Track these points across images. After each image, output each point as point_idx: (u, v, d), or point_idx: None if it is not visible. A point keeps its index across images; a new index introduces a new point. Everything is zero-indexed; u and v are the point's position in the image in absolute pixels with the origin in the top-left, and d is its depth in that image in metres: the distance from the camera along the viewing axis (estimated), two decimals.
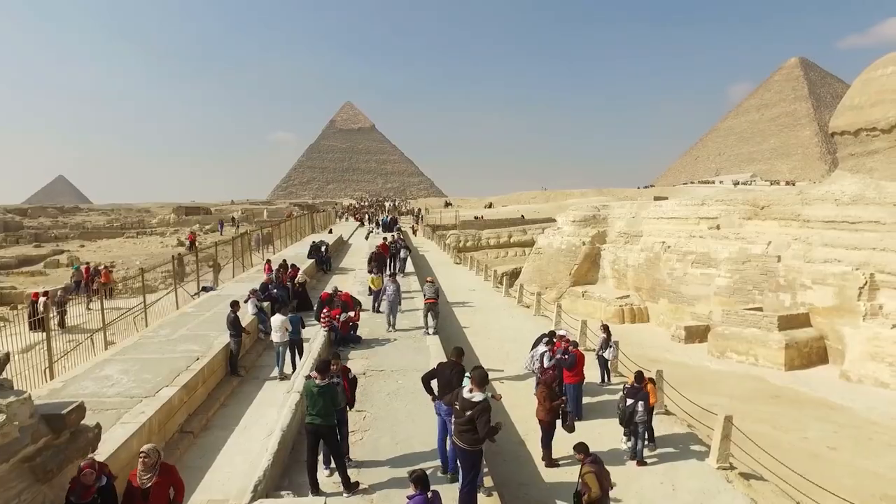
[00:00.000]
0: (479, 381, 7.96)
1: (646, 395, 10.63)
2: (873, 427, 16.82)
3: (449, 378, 9.27)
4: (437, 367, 9.75)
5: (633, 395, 10.63)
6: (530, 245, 49.56)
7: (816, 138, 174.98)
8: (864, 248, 22.80)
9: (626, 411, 10.62)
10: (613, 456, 10.57)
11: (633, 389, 10.76)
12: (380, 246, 26.90)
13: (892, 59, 25.12)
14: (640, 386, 10.80)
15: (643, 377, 11.03)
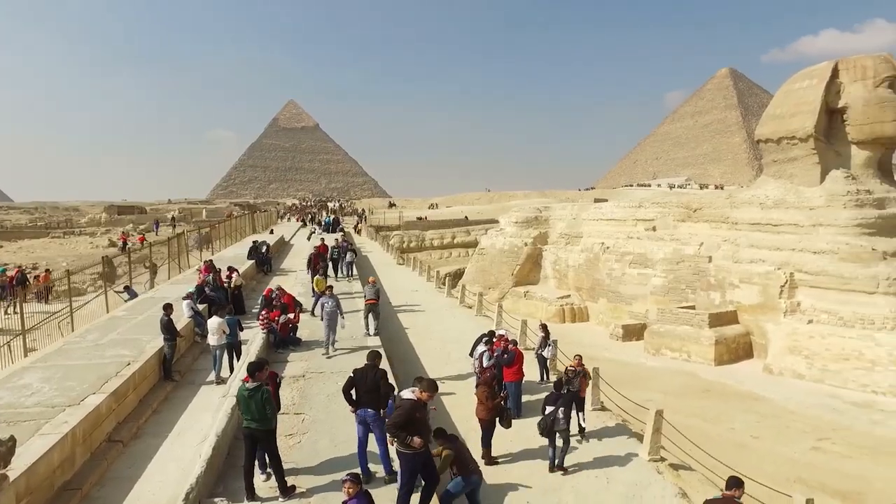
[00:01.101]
0: (427, 387, 8.02)
1: (567, 400, 10.34)
2: (791, 416, 17.83)
3: (373, 383, 9.18)
4: (355, 374, 9.50)
5: (554, 402, 10.22)
6: (474, 246, 50.01)
7: (745, 145, 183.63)
8: (785, 249, 24.16)
9: (547, 420, 10.11)
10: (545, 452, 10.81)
11: (554, 396, 10.36)
12: (318, 247, 26.54)
13: (808, 73, 26.70)
14: (559, 393, 10.43)
15: (562, 384, 10.74)
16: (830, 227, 23.52)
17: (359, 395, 9.28)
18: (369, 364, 9.59)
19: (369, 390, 9.20)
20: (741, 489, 7.24)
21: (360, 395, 9.25)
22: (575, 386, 11.68)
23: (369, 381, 9.28)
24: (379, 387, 9.23)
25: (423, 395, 7.89)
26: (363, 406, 9.17)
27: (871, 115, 24.15)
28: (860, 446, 15.33)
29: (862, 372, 19.98)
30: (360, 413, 9.16)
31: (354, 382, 9.39)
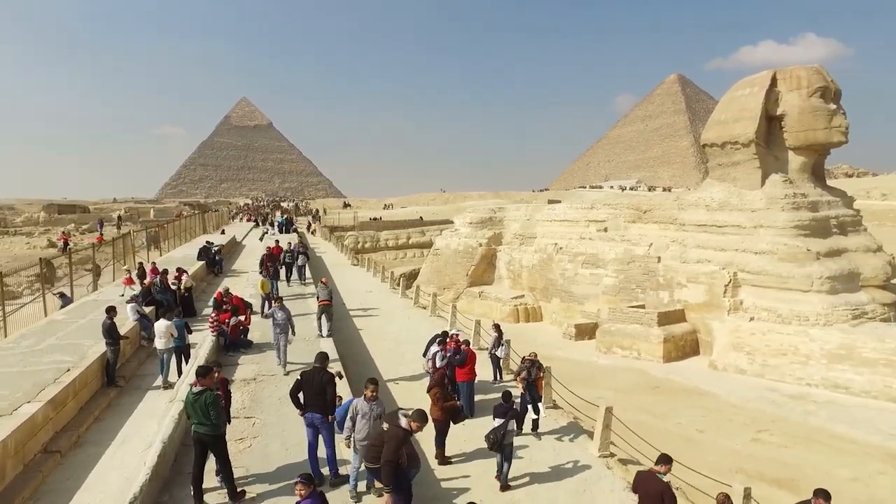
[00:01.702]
0: (418, 418, 7.93)
1: (516, 413, 9.98)
2: (733, 410, 18.54)
3: (320, 386, 9.10)
4: (303, 377, 9.36)
5: (503, 414, 9.82)
6: (429, 246, 50.06)
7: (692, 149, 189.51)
8: (729, 250, 25.09)
9: (498, 433, 9.64)
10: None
11: (503, 408, 9.93)
12: (272, 248, 26.06)
13: (749, 82, 27.80)
14: (508, 405, 10.00)
15: (510, 395, 10.24)
16: (770, 228, 24.53)
17: (306, 398, 9.19)
18: (317, 367, 9.48)
19: (316, 394, 9.11)
20: (668, 465, 7.86)
21: (308, 399, 9.16)
22: (533, 375, 11.88)
23: (316, 384, 9.19)
24: (325, 390, 9.15)
25: (414, 426, 7.77)
26: (310, 409, 9.09)
27: (805, 123, 25.33)
28: (795, 436, 16.07)
29: (798, 366, 20.94)
30: (308, 416, 9.08)
31: (301, 385, 9.29)
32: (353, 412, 8.56)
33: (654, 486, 7.78)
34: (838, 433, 16.27)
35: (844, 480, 13.18)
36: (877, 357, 19.46)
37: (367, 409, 8.51)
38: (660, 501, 7.58)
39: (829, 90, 25.43)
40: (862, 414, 17.61)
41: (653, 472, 7.96)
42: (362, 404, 8.58)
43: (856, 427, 16.60)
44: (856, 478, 13.36)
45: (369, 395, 8.59)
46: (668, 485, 7.89)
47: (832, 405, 18.65)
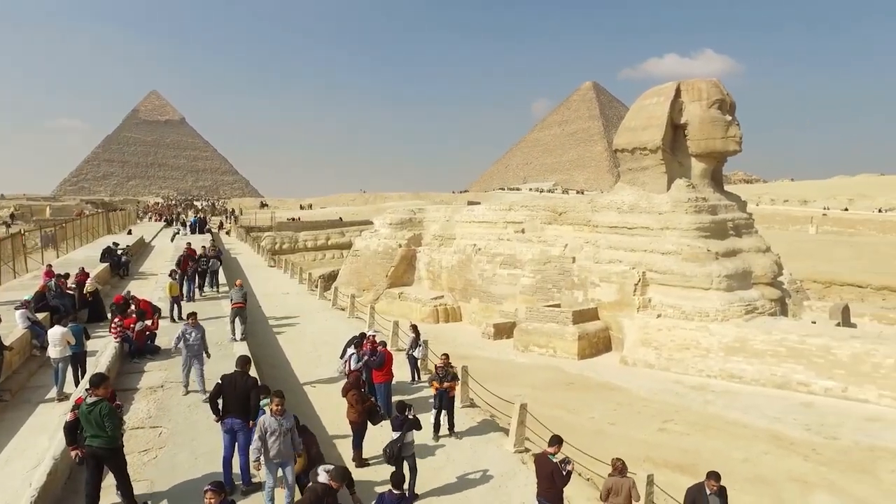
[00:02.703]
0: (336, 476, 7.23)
1: (414, 423, 9.80)
2: (642, 402, 19.48)
3: (243, 391, 8.75)
4: (223, 382, 8.98)
5: (399, 426, 9.64)
6: (348, 247, 49.45)
7: (606, 153, 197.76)
8: (639, 250, 26.36)
9: (394, 447, 9.40)
10: (420, 451, 10.95)
11: (398, 420, 9.74)
12: (187, 250, 24.88)
13: (656, 91, 29.35)
14: (404, 416, 9.78)
15: (405, 406, 10.00)
16: (675, 230, 25.97)
17: (226, 403, 8.84)
18: (238, 371, 9.17)
19: (239, 399, 8.78)
20: (558, 446, 8.54)
21: (228, 404, 8.82)
22: (448, 378, 11.96)
23: (239, 389, 8.87)
24: (249, 396, 8.84)
25: (334, 484, 7.44)
26: (231, 415, 8.76)
27: (705, 132, 27.05)
28: (695, 424, 17.10)
29: (699, 359, 22.31)
30: (228, 422, 8.76)
31: (222, 390, 8.94)
32: (260, 431, 7.98)
33: (545, 466, 8.42)
34: (732, 419, 17.45)
35: (737, 462, 14.18)
36: (765, 348, 21.05)
37: (275, 424, 7.99)
38: (550, 480, 8.16)
39: (725, 102, 27.24)
40: (752, 401, 18.99)
41: (545, 454, 8.57)
42: (270, 421, 8.04)
43: (747, 413, 17.88)
44: (746, 459, 14.40)
45: (276, 410, 8.07)
46: (557, 465, 8.40)
47: (728, 394, 19.98)
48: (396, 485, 7.96)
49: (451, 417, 11.95)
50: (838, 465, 13.94)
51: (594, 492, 10.63)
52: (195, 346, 12.24)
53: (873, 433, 15.96)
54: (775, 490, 12.70)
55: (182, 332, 12.33)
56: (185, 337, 12.23)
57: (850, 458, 14.36)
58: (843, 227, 73.51)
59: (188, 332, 12.32)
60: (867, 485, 12.92)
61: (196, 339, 12.30)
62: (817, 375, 19.64)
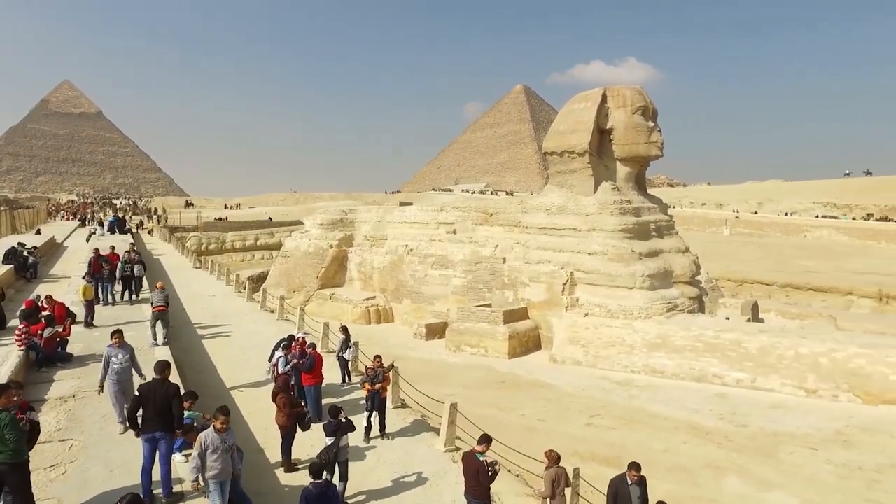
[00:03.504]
0: None
1: (348, 426, 9.67)
2: (571, 398, 20.05)
3: (164, 400, 8.28)
4: (141, 392, 8.45)
5: (333, 431, 9.49)
6: (278, 248, 48.34)
7: (536, 156, 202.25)
8: (567, 251, 27.09)
9: (330, 452, 9.27)
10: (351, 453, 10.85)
11: (332, 425, 9.57)
12: (101, 251, 23.47)
13: (584, 97, 30.27)
14: (338, 421, 9.63)
15: (338, 410, 9.85)
16: (601, 231, 26.86)
17: (147, 415, 8.31)
18: (157, 379, 8.63)
19: (160, 410, 8.23)
20: (486, 445, 8.83)
21: (150, 417, 8.26)
22: (379, 379, 11.91)
23: (159, 398, 8.28)
24: (171, 405, 8.36)
25: None
26: (152, 430, 8.20)
27: (629, 137, 28.13)
28: (621, 418, 17.77)
29: (624, 355, 23.19)
30: (148, 433, 8.28)
31: (141, 402, 8.41)
32: (201, 447, 7.59)
33: (472, 464, 8.60)
34: (654, 412, 18.24)
35: (658, 452, 14.83)
36: (684, 344, 22.14)
37: (218, 441, 7.65)
38: (477, 477, 8.35)
39: (648, 109, 28.44)
40: (673, 394, 19.93)
41: (473, 452, 8.77)
42: (213, 437, 7.66)
43: (668, 406, 18.74)
44: (667, 449, 15.09)
45: (220, 427, 7.70)
46: (483, 462, 8.62)
47: (651, 388, 20.86)
48: (316, 474, 7.91)
49: (383, 419, 11.91)
50: (747, 450, 14.84)
51: (523, 487, 10.87)
52: (122, 369, 10.37)
53: (776, 419, 17.12)
54: (692, 477, 13.37)
55: (106, 358, 10.39)
56: (109, 360, 10.34)
57: (756, 443, 15.33)
58: (754, 229, 78.40)
59: (113, 355, 10.41)
60: (770, 467, 13.84)
61: (123, 363, 10.43)
62: (730, 368, 20.83)
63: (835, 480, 13.07)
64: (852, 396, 18.46)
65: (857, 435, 15.70)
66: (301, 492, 7.88)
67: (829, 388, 18.87)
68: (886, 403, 17.83)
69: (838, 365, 18.95)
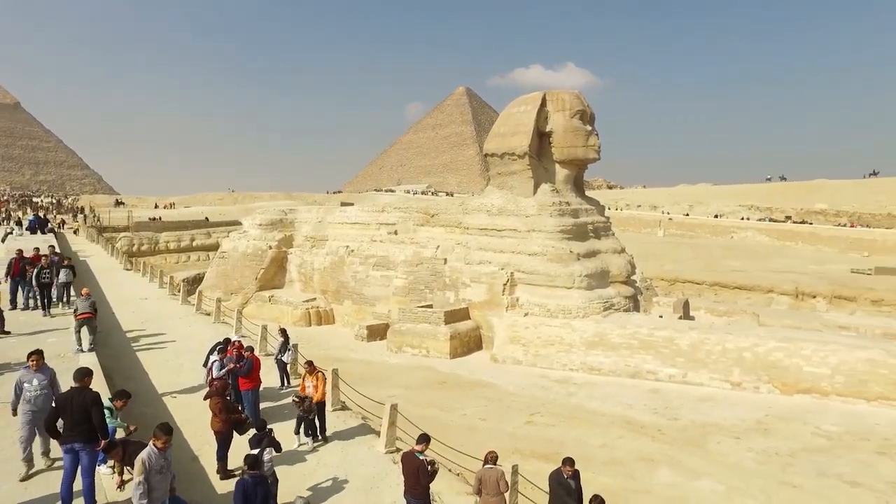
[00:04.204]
0: None
1: (273, 440, 9.53)
2: (511, 397, 20.35)
3: (81, 409, 7.82)
4: (58, 403, 7.97)
5: (258, 443, 9.34)
6: (215, 249, 46.91)
7: (477, 157, 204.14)
8: (507, 252, 27.49)
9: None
10: (290, 457, 10.68)
11: (257, 437, 9.49)
12: (32, 256, 21.91)
13: (524, 100, 30.83)
14: (263, 433, 9.52)
15: (265, 424, 9.80)
16: (541, 232, 27.40)
17: (65, 427, 7.87)
18: (76, 387, 8.14)
19: (78, 420, 7.77)
20: (425, 444, 8.88)
21: (68, 427, 7.81)
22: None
23: (76, 408, 7.80)
24: (90, 414, 7.93)
25: None
26: (71, 441, 7.77)
27: (568, 140, 28.85)
28: (559, 415, 18.18)
29: (563, 354, 23.73)
30: (68, 444, 7.86)
31: (59, 412, 7.95)
32: (144, 470, 7.11)
33: (412, 463, 8.66)
34: (592, 408, 18.77)
35: (595, 447, 15.28)
36: (620, 342, 22.87)
37: (162, 462, 7.29)
38: (415, 477, 8.42)
39: (586, 113, 29.24)
40: (609, 390, 20.55)
41: (412, 452, 8.83)
42: (156, 458, 7.22)
43: (605, 402, 19.32)
44: (603, 444, 15.56)
45: (161, 446, 7.28)
46: (423, 461, 8.68)
47: (589, 385, 21.44)
48: (252, 465, 7.81)
49: (323, 423, 11.75)
50: (678, 442, 15.49)
51: (464, 486, 10.97)
52: (39, 399, 8.78)
53: (705, 411, 17.96)
54: (627, 469, 13.84)
55: (18, 384, 8.88)
56: (22, 390, 8.83)
57: (686, 435, 16.02)
58: (685, 231, 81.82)
59: (27, 381, 8.84)
60: (699, 457, 14.51)
61: (39, 390, 8.81)
62: (663, 364, 21.68)
63: (755, 466, 13.83)
64: (772, 387, 19.59)
65: (774, 423, 16.66)
66: (236, 483, 7.74)
67: (752, 381, 19.94)
68: (800, 393, 19.05)
69: (760, 358, 20.05)
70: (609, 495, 10.26)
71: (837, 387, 18.71)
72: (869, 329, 25.10)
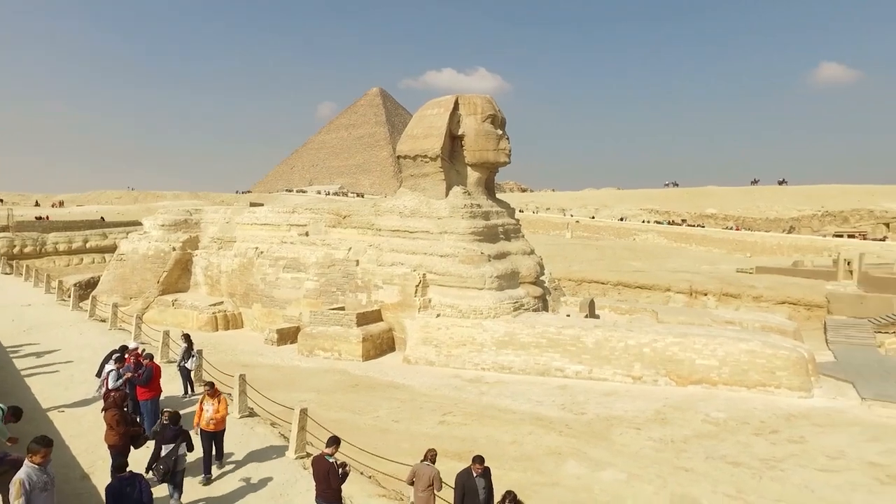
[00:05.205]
0: None
1: (187, 435, 9.26)
2: (424, 398, 20.46)
3: None
4: None
5: (173, 437, 9.08)
6: (112, 251, 44.00)
7: (391, 159, 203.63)
8: (419, 253, 27.63)
9: (168, 462, 8.79)
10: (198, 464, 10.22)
11: (171, 431, 9.19)
12: None
13: (437, 103, 31.12)
14: (177, 428, 9.27)
15: (178, 417, 9.50)
16: (453, 234, 27.76)
17: None
18: None
19: None
20: (335, 447, 8.86)
21: None
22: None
23: None
24: None
25: None
26: None
27: (479, 144, 29.42)
28: (472, 414, 18.48)
29: (475, 354, 24.16)
30: None
31: None
32: (24, 491, 6.46)
33: (322, 467, 8.63)
34: (503, 406, 19.22)
35: (506, 444, 15.66)
36: (530, 341, 23.59)
37: (44, 478, 6.70)
38: (326, 480, 8.38)
39: (497, 118, 29.93)
40: (520, 388, 21.14)
41: (322, 455, 8.77)
42: (36, 475, 6.65)
43: (515, 400, 19.85)
44: (514, 440, 15.98)
45: (40, 461, 6.71)
46: (333, 464, 8.66)
47: (500, 384, 21.93)
48: (119, 468, 7.53)
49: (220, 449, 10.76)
50: (584, 435, 16.19)
51: (376, 488, 10.94)
52: None
53: (609, 405, 18.89)
54: (537, 464, 14.29)
55: None
56: None
57: (592, 428, 16.78)
58: (591, 233, 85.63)
59: None
60: (603, 448, 15.24)
61: None
62: (570, 361, 22.57)
63: (653, 454, 14.71)
64: (668, 380, 20.91)
65: (671, 413, 17.80)
66: (105, 488, 7.35)
67: (651, 374, 21.20)
68: (693, 384, 20.51)
69: (658, 353, 21.35)
70: (519, 490, 10.57)
71: (724, 377, 20.28)
72: (750, 323, 27.38)
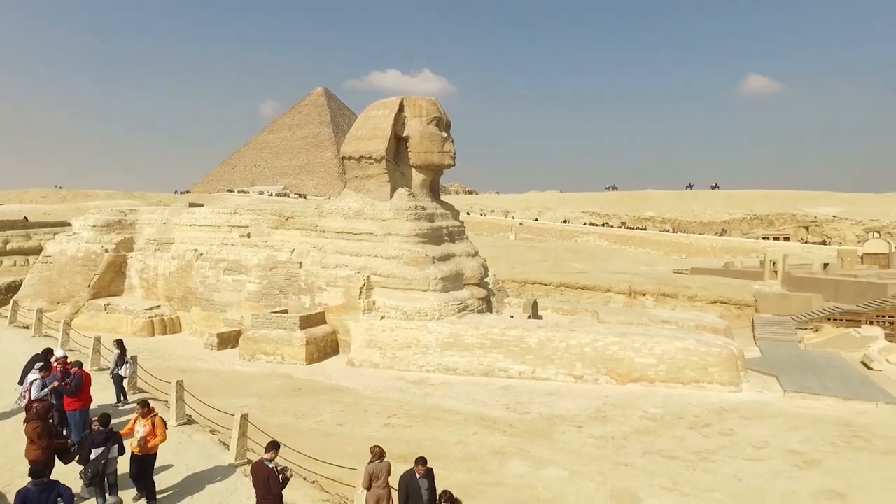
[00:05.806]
0: None
1: (119, 437, 9.02)
2: (369, 401, 20.32)
3: None
4: None
5: (104, 440, 8.82)
6: (37, 253, 41.68)
7: (335, 160, 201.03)
8: (364, 255, 27.43)
9: (98, 464, 8.55)
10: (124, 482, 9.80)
11: (102, 434, 8.90)
12: None
13: (382, 104, 30.96)
14: (108, 430, 9.02)
15: (109, 419, 9.29)
16: (397, 236, 27.68)
17: None
18: None
19: None
20: (274, 451, 8.82)
21: None
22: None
23: None
24: None
25: None
26: None
27: (424, 146, 29.47)
28: (417, 416, 18.49)
29: (419, 355, 24.16)
30: None
31: None
32: None
33: (261, 472, 8.56)
34: (448, 407, 19.31)
35: (451, 444, 15.75)
36: (474, 342, 23.79)
37: None
38: (266, 486, 8.27)
39: (442, 120, 30.06)
40: (464, 389, 21.29)
41: (262, 461, 8.72)
42: None
43: (460, 400, 19.98)
44: (459, 441, 16.08)
45: None
46: (273, 469, 8.59)
47: (445, 385, 22.02)
48: (37, 473, 7.36)
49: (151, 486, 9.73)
50: (527, 434, 16.46)
51: (320, 493, 10.79)
52: None
53: (551, 404, 19.28)
54: (481, 464, 14.43)
55: None
56: None
57: (535, 427, 17.08)
58: (535, 235, 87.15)
59: None
60: (546, 447, 15.55)
61: None
62: (514, 361, 22.89)
63: (594, 451, 15.10)
64: (609, 378, 21.52)
65: (611, 410, 18.32)
66: (17, 493, 7.02)
67: (592, 373, 21.75)
68: (633, 381, 21.18)
69: (599, 353, 21.93)
70: (464, 490, 10.67)
71: (661, 374, 21.03)
72: (686, 322, 28.50)
